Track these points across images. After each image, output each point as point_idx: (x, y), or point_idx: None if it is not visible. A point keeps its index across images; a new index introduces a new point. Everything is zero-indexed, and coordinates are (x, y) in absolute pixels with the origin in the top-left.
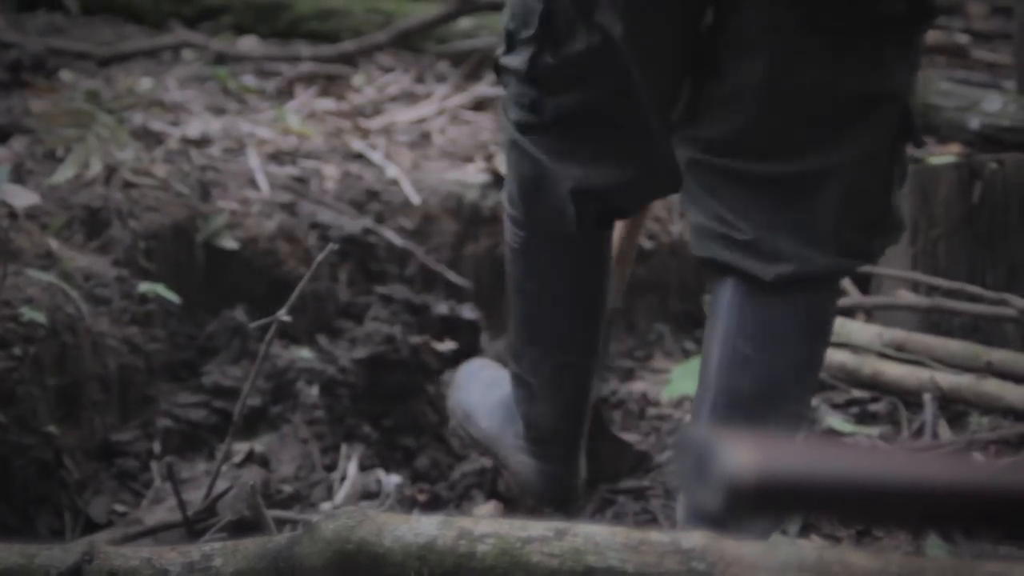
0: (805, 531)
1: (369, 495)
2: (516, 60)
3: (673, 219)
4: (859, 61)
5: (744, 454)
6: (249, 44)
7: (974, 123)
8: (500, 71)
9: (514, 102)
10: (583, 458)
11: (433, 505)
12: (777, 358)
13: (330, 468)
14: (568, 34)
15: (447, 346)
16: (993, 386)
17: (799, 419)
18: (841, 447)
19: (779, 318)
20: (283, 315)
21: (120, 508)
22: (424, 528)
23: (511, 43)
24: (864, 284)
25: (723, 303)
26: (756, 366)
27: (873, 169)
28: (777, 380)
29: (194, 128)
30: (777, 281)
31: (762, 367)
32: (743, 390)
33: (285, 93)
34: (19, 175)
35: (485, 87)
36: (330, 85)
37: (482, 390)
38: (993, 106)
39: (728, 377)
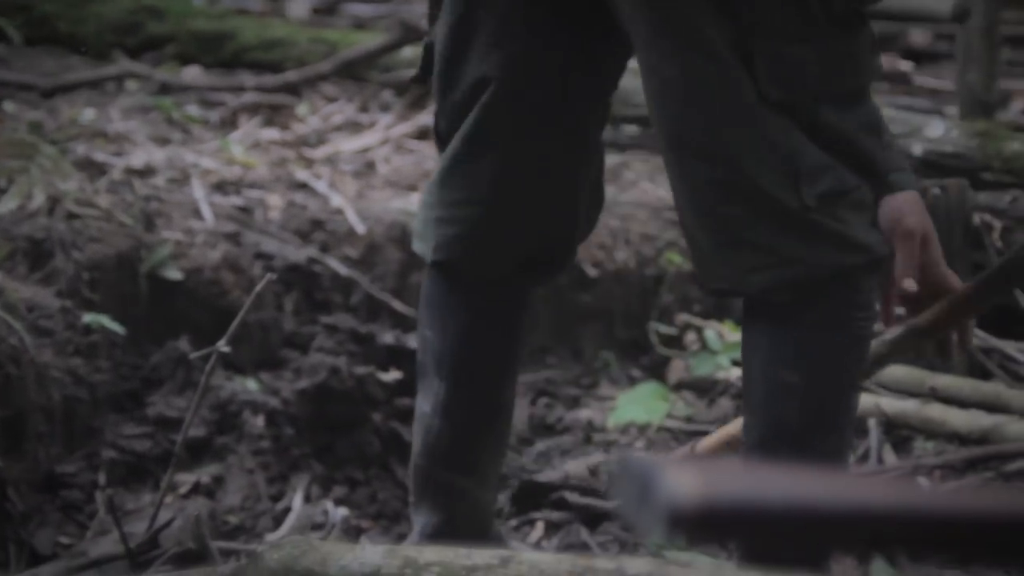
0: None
1: (316, 526)
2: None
3: (618, 245)
4: None
5: (686, 480)
6: (193, 74)
7: (917, 149)
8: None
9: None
10: None
11: (379, 535)
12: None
13: (276, 499)
14: (450, 87)
15: (393, 376)
16: (937, 411)
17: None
18: (784, 473)
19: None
20: (223, 346)
21: (65, 540)
22: (369, 557)
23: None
24: None
25: (751, 328)
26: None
27: None
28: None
29: (138, 158)
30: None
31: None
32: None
33: (229, 123)
34: None
35: (429, 116)
36: (274, 115)
37: None
38: (935, 132)
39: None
